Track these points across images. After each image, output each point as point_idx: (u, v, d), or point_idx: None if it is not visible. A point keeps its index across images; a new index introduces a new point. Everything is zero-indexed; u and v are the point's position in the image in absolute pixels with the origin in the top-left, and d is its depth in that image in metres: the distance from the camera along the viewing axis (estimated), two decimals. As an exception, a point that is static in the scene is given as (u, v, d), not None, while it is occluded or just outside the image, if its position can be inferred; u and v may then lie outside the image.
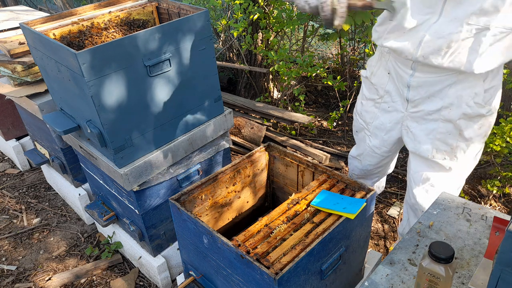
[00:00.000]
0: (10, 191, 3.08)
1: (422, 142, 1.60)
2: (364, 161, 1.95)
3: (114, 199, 2.15)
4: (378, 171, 2.00)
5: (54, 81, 1.90)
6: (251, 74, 3.89)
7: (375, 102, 1.72)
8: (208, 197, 1.75)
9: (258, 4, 3.34)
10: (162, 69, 1.75)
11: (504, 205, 2.62)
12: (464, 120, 1.49)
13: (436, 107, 1.51)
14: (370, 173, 2.01)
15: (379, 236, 2.50)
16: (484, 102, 1.46)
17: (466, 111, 1.47)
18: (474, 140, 1.54)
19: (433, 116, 1.53)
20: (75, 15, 2.00)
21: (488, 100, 1.47)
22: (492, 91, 1.47)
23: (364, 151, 1.91)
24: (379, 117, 1.73)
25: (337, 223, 1.41)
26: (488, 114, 1.49)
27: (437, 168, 1.63)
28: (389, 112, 1.68)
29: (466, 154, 1.57)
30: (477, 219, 1.48)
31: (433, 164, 1.63)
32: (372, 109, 1.75)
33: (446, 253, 1.09)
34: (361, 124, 1.86)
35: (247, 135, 3.24)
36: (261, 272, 1.24)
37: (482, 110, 1.47)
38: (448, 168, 1.61)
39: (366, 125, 1.82)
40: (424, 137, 1.58)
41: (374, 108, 1.74)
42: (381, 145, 1.80)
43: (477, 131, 1.52)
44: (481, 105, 1.46)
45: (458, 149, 1.55)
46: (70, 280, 2.33)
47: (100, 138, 1.72)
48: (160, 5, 2.14)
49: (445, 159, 1.58)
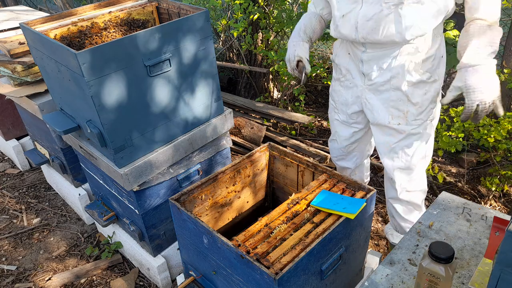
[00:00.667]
0: (10, 191, 3.08)
1: (380, 111, 1.78)
2: (338, 138, 2.07)
3: (114, 199, 2.15)
4: (353, 148, 2.09)
5: (54, 81, 1.90)
6: (251, 74, 3.89)
7: (340, 81, 1.91)
8: (208, 197, 1.75)
9: (258, 4, 3.34)
10: (162, 69, 1.75)
11: (504, 205, 2.62)
12: (409, 87, 1.68)
13: (386, 78, 1.70)
14: (347, 152, 2.10)
15: (379, 236, 2.50)
16: (423, 69, 1.66)
17: (409, 79, 1.67)
18: (422, 104, 1.71)
19: (385, 86, 1.72)
20: (75, 15, 2.00)
21: (429, 68, 1.67)
22: (431, 60, 1.66)
23: (336, 128, 2.06)
24: (343, 94, 1.92)
25: (337, 223, 1.41)
26: (430, 81, 1.68)
27: (396, 135, 1.79)
28: (350, 88, 1.87)
29: (417, 117, 1.74)
30: (477, 219, 1.48)
31: (391, 131, 1.79)
32: (338, 87, 1.94)
33: (446, 253, 1.09)
34: (331, 104, 2.04)
35: (247, 135, 3.24)
36: (261, 272, 1.24)
37: (422, 76, 1.67)
38: (404, 133, 1.77)
39: (334, 104, 2.00)
40: (380, 106, 1.77)
41: (340, 86, 1.92)
42: (347, 118, 1.97)
43: (423, 96, 1.70)
44: (421, 72, 1.66)
45: (409, 113, 1.73)
46: (70, 280, 2.33)
47: (100, 138, 1.72)
48: (160, 5, 2.14)
49: (400, 124, 1.76)
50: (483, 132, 2.33)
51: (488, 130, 2.33)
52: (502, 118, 2.35)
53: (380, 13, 1.55)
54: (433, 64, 1.68)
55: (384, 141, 1.84)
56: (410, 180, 1.90)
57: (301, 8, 3.52)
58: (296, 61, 1.86)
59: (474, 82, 1.44)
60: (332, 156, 2.21)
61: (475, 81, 1.44)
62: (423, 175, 1.93)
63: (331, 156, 2.22)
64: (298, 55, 1.85)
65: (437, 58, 1.68)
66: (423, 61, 1.65)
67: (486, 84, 1.44)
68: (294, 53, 1.86)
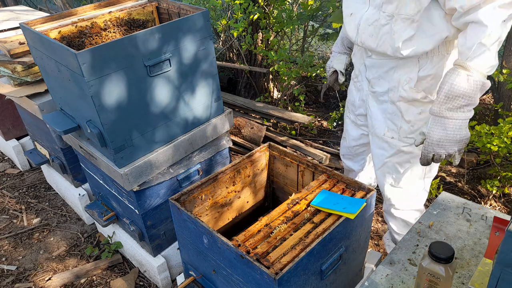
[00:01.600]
0: (10, 191, 3.08)
1: (378, 120, 1.75)
2: (348, 137, 2.07)
3: (114, 199, 2.15)
4: (362, 151, 2.07)
5: (54, 81, 1.90)
6: (251, 74, 3.89)
7: (353, 81, 1.90)
8: (208, 197, 1.75)
9: (258, 4, 3.34)
10: (162, 69, 1.75)
11: (504, 205, 2.62)
12: (403, 103, 1.63)
13: (384, 89, 1.68)
14: (355, 153, 2.09)
15: (379, 236, 2.50)
16: (418, 88, 1.59)
17: (402, 94, 1.62)
18: (415, 124, 1.65)
19: (384, 97, 1.70)
20: (75, 15, 2.00)
21: (425, 87, 1.59)
22: (429, 79, 1.58)
23: (347, 126, 2.06)
24: (353, 94, 1.91)
25: (337, 223, 1.41)
26: (425, 101, 1.61)
27: (388, 149, 1.75)
28: (359, 90, 1.86)
29: (409, 135, 1.68)
30: (477, 219, 1.48)
31: (384, 144, 1.76)
32: (351, 87, 1.94)
33: (446, 253, 1.09)
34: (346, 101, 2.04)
35: (247, 135, 3.24)
36: (261, 272, 1.24)
37: (416, 95, 1.60)
38: (395, 148, 1.73)
39: (347, 103, 2.01)
40: (380, 116, 1.74)
41: (353, 86, 1.92)
42: (355, 118, 1.95)
43: (417, 116, 1.64)
44: (415, 90, 1.59)
45: (402, 130, 1.69)
46: (70, 280, 2.33)
47: (100, 138, 1.72)
48: (160, 5, 2.14)
49: (393, 138, 1.72)
50: (486, 141, 2.31)
51: (490, 139, 2.31)
52: (502, 124, 2.33)
53: (378, 21, 1.53)
54: (431, 84, 1.59)
55: (378, 153, 1.81)
56: (401, 199, 1.85)
57: (301, 8, 3.52)
58: (331, 71, 2.00)
59: (436, 136, 1.44)
60: (341, 154, 2.22)
61: (437, 135, 1.44)
62: (418, 194, 1.85)
63: (340, 153, 2.23)
64: (333, 67, 1.99)
65: (436, 77, 1.58)
66: (419, 79, 1.58)
67: (448, 139, 1.43)
68: (330, 64, 2.01)
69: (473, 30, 1.33)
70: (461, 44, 1.38)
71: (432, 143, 1.45)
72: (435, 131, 1.44)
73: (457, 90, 1.36)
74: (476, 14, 1.31)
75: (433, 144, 1.45)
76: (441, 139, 1.43)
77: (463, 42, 1.36)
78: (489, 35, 1.30)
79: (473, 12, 1.32)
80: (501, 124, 2.36)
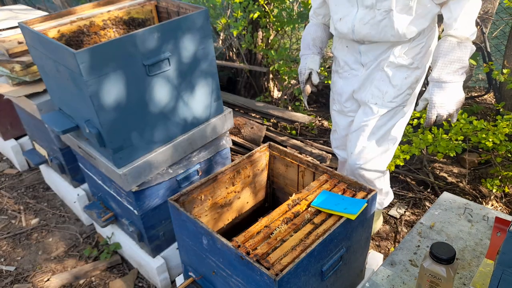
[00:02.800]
0: (8, 191, 3.07)
1: (366, 88, 1.89)
2: (338, 128, 2.18)
3: (113, 200, 2.14)
4: None
5: (53, 81, 1.89)
6: (251, 73, 3.88)
7: (338, 73, 2.02)
8: (207, 197, 1.74)
9: (258, 3, 3.33)
10: (161, 68, 1.74)
11: (506, 206, 2.61)
12: (391, 68, 1.79)
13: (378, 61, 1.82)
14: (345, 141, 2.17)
15: (380, 237, 2.49)
16: (407, 54, 1.75)
17: (392, 60, 1.77)
18: (401, 87, 1.81)
19: (373, 65, 1.84)
20: (74, 14, 1.99)
21: (414, 55, 1.76)
22: (420, 47, 1.75)
23: (335, 119, 2.17)
24: (339, 84, 2.02)
25: (337, 223, 1.40)
26: (412, 67, 1.78)
27: (369, 114, 1.90)
28: (347, 78, 1.96)
29: (393, 100, 1.84)
30: (479, 220, 1.47)
31: (368, 109, 1.90)
32: (336, 79, 2.04)
33: (448, 254, 1.08)
34: (330, 96, 2.15)
35: (247, 135, 3.23)
36: (261, 273, 1.23)
37: (404, 61, 1.76)
38: (377, 113, 1.88)
39: (332, 94, 2.12)
40: (368, 84, 1.88)
41: (338, 78, 2.03)
42: (341, 107, 2.08)
43: (403, 80, 1.80)
44: (403, 57, 1.76)
45: (387, 94, 1.83)
46: (69, 281, 2.32)
47: (98, 138, 1.71)
48: (159, 3, 2.13)
49: (376, 104, 1.86)
50: (481, 136, 2.32)
51: (486, 134, 2.31)
52: (500, 121, 2.33)
53: (375, 19, 1.66)
54: (420, 52, 1.76)
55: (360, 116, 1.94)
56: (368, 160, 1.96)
57: (301, 7, 3.51)
58: (308, 73, 1.99)
59: (437, 99, 1.63)
60: (333, 147, 2.29)
61: (439, 98, 1.62)
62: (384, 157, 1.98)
63: (332, 147, 2.30)
64: (309, 68, 1.98)
65: (425, 46, 1.76)
66: (410, 47, 1.74)
67: (448, 100, 1.62)
68: (305, 66, 2.00)
69: (455, 4, 1.55)
70: (447, 17, 1.59)
71: (436, 106, 1.63)
72: (437, 95, 1.62)
73: (453, 56, 1.58)
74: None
75: (437, 106, 1.63)
76: (443, 101, 1.62)
77: (449, 15, 1.58)
78: (471, 6, 1.54)
79: None
80: (499, 121, 2.35)
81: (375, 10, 1.64)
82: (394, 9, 1.61)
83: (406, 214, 2.62)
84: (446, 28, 1.61)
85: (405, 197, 2.75)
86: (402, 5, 1.61)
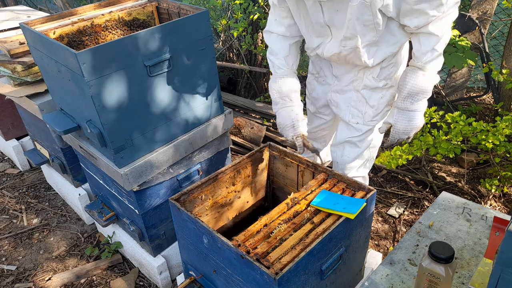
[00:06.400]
0: (10, 191, 3.08)
1: (343, 109, 1.95)
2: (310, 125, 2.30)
3: (114, 199, 2.15)
4: (323, 135, 2.31)
5: (54, 81, 1.90)
6: (251, 74, 3.89)
7: (315, 76, 2.07)
8: (208, 197, 1.75)
9: (258, 4, 3.34)
10: (162, 69, 1.75)
11: (504, 205, 2.62)
12: (367, 90, 1.84)
13: (349, 81, 1.87)
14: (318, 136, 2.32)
15: (379, 236, 2.50)
16: (380, 77, 1.80)
17: (366, 83, 1.82)
18: (378, 107, 1.87)
19: (348, 87, 1.89)
20: (75, 15, 2.00)
21: (386, 75, 1.80)
22: (389, 68, 1.79)
23: (308, 116, 2.28)
24: (316, 88, 2.08)
25: (337, 223, 1.41)
26: (386, 87, 1.83)
27: (354, 132, 1.96)
28: (322, 85, 2.03)
29: (373, 118, 1.90)
30: (477, 219, 1.48)
31: (351, 128, 1.96)
32: (313, 81, 2.09)
33: (446, 253, 1.09)
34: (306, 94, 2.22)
35: (247, 135, 3.24)
36: (261, 272, 1.24)
37: (378, 83, 1.81)
38: (361, 132, 1.95)
39: (309, 95, 2.17)
40: (343, 105, 1.94)
41: (314, 81, 2.08)
42: (316, 110, 2.17)
43: (379, 100, 1.86)
44: (377, 80, 1.80)
45: (366, 114, 1.89)
46: (70, 280, 2.33)
47: (100, 138, 1.72)
48: (160, 5, 2.14)
49: (358, 124, 1.92)
50: (481, 137, 2.32)
51: (486, 135, 2.32)
52: (499, 122, 2.33)
53: (341, 51, 1.71)
54: (391, 71, 1.80)
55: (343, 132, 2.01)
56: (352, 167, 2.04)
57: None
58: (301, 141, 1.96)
59: (401, 126, 1.73)
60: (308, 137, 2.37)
61: (402, 125, 1.73)
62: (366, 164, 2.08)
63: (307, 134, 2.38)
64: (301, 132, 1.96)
65: (396, 65, 1.79)
66: (381, 69, 1.78)
67: (411, 127, 1.72)
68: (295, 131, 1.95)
69: (426, 39, 1.56)
70: (416, 49, 1.60)
71: (399, 132, 1.74)
72: (401, 122, 1.73)
73: (418, 88, 1.63)
74: (427, 28, 1.51)
75: (400, 132, 1.75)
76: (406, 128, 1.73)
77: (418, 47, 1.59)
78: (440, 43, 1.55)
79: (424, 27, 1.52)
80: (498, 121, 2.36)
81: (340, 46, 1.69)
82: (360, 46, 1.64)
83: (405, 214, 2.63)
84: (414, 58, 1.63)
85: (404, 197, 2.76)
86: (368, 42, 1.63)
